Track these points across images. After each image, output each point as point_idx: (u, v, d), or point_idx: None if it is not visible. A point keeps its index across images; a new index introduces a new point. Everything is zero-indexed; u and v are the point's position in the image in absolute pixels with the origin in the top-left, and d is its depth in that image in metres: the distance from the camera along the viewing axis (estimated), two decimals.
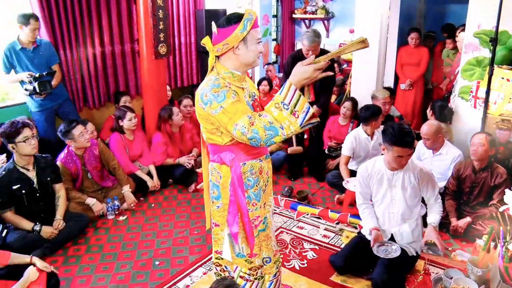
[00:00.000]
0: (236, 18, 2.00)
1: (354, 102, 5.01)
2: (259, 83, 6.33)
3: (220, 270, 2.41)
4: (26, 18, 4.10)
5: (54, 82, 4.37)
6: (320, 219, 4.01)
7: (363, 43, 1.85)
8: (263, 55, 8.36)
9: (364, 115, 4.26)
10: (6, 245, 3.31)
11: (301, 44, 4.43)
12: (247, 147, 2.10)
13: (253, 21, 2.00)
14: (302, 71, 1.93)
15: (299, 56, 4.45)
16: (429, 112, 4.44)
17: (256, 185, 2.23)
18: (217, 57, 2.13)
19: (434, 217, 3.08)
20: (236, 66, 2.10)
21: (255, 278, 2.34)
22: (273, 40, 8.60)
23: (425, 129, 3.87)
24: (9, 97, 5.17)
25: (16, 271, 2.77)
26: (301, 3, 8.36)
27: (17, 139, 3.31)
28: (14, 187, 3.39)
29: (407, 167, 2.95)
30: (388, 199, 3.07)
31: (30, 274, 2.73)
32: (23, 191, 3.43)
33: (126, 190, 4.25)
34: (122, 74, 5.36)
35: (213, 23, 2.12)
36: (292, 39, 8.64)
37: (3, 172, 3.38)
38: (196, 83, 6.39)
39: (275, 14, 8.48)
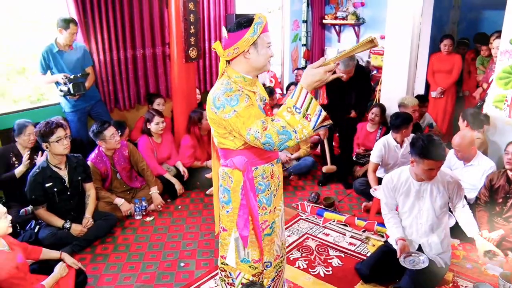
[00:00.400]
0: (247, 23, 2.00)
1: (382, 108, 4.95)
2: (287, 88, 6.35)
3: (225, 276, 2.40)
4: (67, 23, 4.24)
5: (87, 84, 4.49)
6: (347, 226, 3.97)
7: (372, 43, 1.82)
8: (293, 60, 8.36)
9: (394, 123, 4.19)
10: (38, 240, 3.41)
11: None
12: (259, 151, 2.10)
13: (263, 25, 2.00)
14: (313, 74, 1.92)
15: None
16: (462, 122, 4.29)
17: (268, 190, 2.23)
18: (228, 61, 2.13)
19: (474, 226, 3.00)
20: (247, 70, 2.10)
21: None
22: (302, 45, 8.58)
23: (457, 140, 3.76)
24: (44, 97, 5.33)
25: (46, 266, 2.86)
26: (331, 9, 8.33)
27: (50, 139, 3.40)
28: (47, 184, 3.48)
29: (436, 177, 2.88)
30: (416, 210, 3.00)
31: (61, 269, 2.82)
32: (55, 189, 3.52)
33: (154, 191, 4.30)
34: (152, 76, 5.44)
35: (223, 27, 2.13)
36: (322, 45, 8.60)
37: (37, 170, 3.48)
38: None
39: (305, 19, 8.46)
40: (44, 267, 2.86)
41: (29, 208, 3.72)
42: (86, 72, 4.52)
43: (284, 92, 7.04)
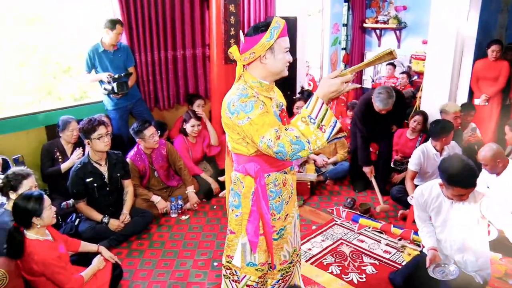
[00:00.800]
0: (264, 27, 1.98)
1: (425, 116, 4.84)
2: None
3: (230, 273, 2.42)
4: (113, 23, 4.39)
5: (130, 83, 4.60)
6: (382, 233, 3.90)
7: (391, 55, 1.79)
8: (332, 63, 8.30)
9: (434, 130, 4.08)
10: (77, 233, 3.53)
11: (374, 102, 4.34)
12: (272, 159, 2.07)
13: (280, 30, 1.97)
14: (330, 84, 1.88)
15: (371, 105, 4.42)
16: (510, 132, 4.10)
17: (279, 197, 2.22)
18: (245, 66, 2.12)
19: None
20: (264, 75, 2.08)
21: (262, 285, 2.37)
22: (342, 49, 8.51)
23: (482, 154, 3.53)
24: (87, 95, 5.51)
25: (85, 258, 2.96)
26: (372, 12, 8.22)
27: (92, 136, 3.51)
28: (87, 180, 3.59)
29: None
30: (448, 226, 2.85)
31: (98, 262, 2.91)
32: (95, 184, 3.62)
33: (190, 190, 4.36)
34: (192, 77, 5.50)
35: (240, 32, 2.12)
36: (361, 49, 8.50)
37: (79, 165, 3.60)
38: None
39: (346, 23, 8.39)
40: (83, 259, 2.96)
41: (71, 201, 3.85)
42: (129, 72, 4.64)
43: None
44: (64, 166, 4.00)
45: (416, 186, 4.17)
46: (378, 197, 4.48)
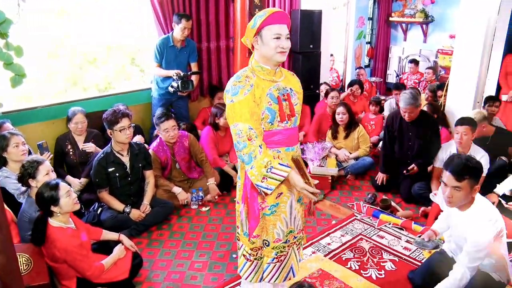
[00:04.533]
0: None
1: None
2: (350, 85, 6.29)
3: (241, 246, 2.54)
4: (179, 18, 4.51)
5: (195, 82, 4.79)
6: (403, 230, 3.84)
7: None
8: (356, 58, 8.20)
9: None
10: (99, 222, 3.58)
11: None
12: (263, 136, 2.25)
13: (264, 18, 2.14)
14: (296, 184, 2.16)
15: (396, 115, 4.46)
16: None
17: None
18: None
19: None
20: (263, 61, 2.25)
21: (255, 259, 2.44)
22: (367, 43, 8.40)
23: None
24: (111, 86, 5.60)
25: (106, 247, 3.01)
26: (399, 6, 8.08)
27: (115, 127, 3.55)
28: (110, 169, 3.64)
29: None
30: None
31: (119, 251, 2.95)
32: (117, 174, 3.67)
33: (211, 182, 4.37)
34: (216, 69, 5.53)
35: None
36: (387, 43, 8.38)
37: (102, 155, 3.65)
38: None
39: (371, 16, 8.27)
40: (104, 247, 3.01)
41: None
42: (196, 71, 4.79)
43: (345, 89, 6.91)
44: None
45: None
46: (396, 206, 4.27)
